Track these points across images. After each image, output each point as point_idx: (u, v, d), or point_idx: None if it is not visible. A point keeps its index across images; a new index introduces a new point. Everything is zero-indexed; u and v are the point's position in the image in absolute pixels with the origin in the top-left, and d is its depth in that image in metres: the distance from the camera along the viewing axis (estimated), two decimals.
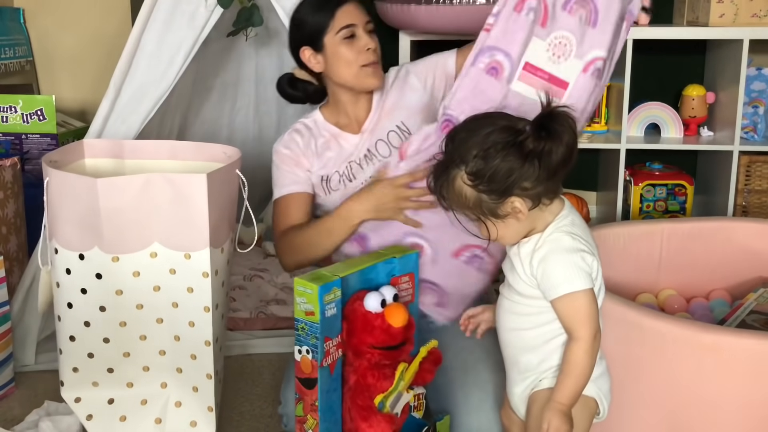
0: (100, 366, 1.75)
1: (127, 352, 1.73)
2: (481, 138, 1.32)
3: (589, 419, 1.46)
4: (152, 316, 1.70)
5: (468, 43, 1.88)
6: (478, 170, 1.31)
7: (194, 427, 1.76)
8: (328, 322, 1.48)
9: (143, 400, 1.77)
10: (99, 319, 1.71)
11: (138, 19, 2.21)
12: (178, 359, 1.74)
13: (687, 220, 2.27)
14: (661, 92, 3.16)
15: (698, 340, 1.52)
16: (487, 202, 1.34)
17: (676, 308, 2.13)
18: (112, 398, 1.78)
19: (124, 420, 1.77)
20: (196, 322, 1.69)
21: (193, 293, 1.68)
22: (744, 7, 2.82)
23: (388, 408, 1.56)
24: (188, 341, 1.71)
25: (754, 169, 2.94)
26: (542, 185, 1.32)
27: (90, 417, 1.78)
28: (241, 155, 1.85)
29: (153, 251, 1.66)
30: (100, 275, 1.68)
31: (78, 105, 3.40)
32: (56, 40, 3.41)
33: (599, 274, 1.41)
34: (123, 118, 2.26)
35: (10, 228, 2.36)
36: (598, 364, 1.43)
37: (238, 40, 2.72)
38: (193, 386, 1.75)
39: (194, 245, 1.65)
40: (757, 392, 1.50)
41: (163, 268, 1.67)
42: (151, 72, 2.23)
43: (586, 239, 1.40)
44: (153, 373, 1.76)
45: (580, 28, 1.69)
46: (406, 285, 1.67)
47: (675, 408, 1.58)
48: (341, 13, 1.84)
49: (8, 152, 2.75)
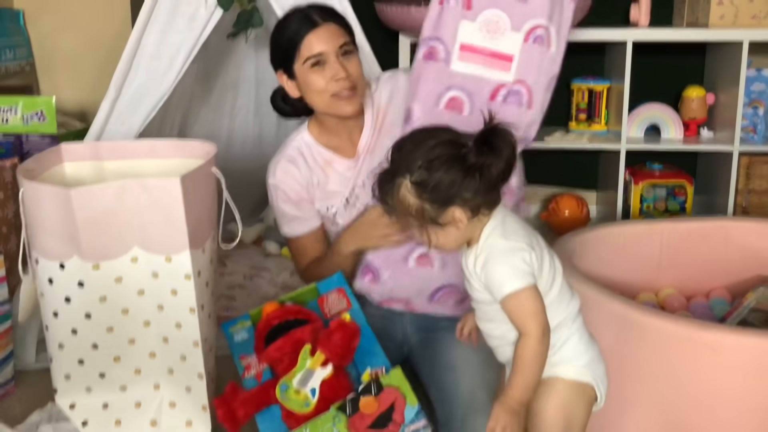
0: (92, 371, 1.75)
1: (118, 356, 1.73)
2: (426, 150, 1.38)
3: (588, 407, 1.47)
4: (139, 319, 1.70)
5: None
6: (422, 180, 1.37)
7: (190, 426, 1.76)
8: (239, 346, 1.68)
9: (137, 403, 1.77)
10: (86, 326, 1.70)
11: (138, 21, 2.21)
12: (168, 361, 1.74)
13: (687, 220, 2.27)
14: (661, 93, 3.17)
15: (698, 339, 1.52)
16: (429, 210, 1.39)
17: (676, 307, 2.13)
18: (106, 403, 1.78)
19: (119, 424, 1.76)
20: (182, 323, 1.69)
21: (177, 295, 1.67)
22: (744, 8, 2.82)
23: (295, 386, 1.54)
24: (177, 343, 1.71)
25: (754, 169, 2.94)
26: (482, 197, 1.38)
27: (85, 423, 1.78)
28: (216, 152, 1.82)
29: (133, 256, 1.66)
30: (82, 283, 1.67)
31: (78, 106, 3.40)
32: (56, 41, 3.42)
33: (545, 263, 1.43)
34: (123, 119, 2.26)
35: (11, 228, 2.36)
36: (588, 350, 1.46)
37: (238, 41, 2.73)
38: (186, 386, 1.75)
39: (174, 248, 1.64)
40: (758, 390, 1.50)
41: (145, 272, 1.66)
42: (151, 73, 2.23)
43: (521, 234, 1.43)
44: (145, 376, 1.76)
45: (508, 4, 1.75)
46: (334, 298, 1.72)
47: (675, 406, 1.58)
48: (309, 40, 1.76)
49: (8, 153, 2.75)
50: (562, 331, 1.44)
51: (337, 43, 1.77)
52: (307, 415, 1.53)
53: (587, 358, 1.46)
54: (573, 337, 1.45)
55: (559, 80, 3.23)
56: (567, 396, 1.44)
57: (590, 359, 1.46)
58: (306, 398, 1.55)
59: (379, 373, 1.55)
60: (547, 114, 1.88)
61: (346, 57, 1.79)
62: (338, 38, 1.78)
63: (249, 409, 1.57)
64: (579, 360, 1.45)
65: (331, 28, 1.78)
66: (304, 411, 1.53)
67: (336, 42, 1.77)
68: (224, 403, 1.55)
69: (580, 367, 1.45)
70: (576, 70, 3.23)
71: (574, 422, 1.45)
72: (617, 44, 2.99)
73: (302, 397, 1.55)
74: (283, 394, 1.55)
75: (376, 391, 1.50)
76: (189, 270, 1.65)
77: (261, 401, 1.58)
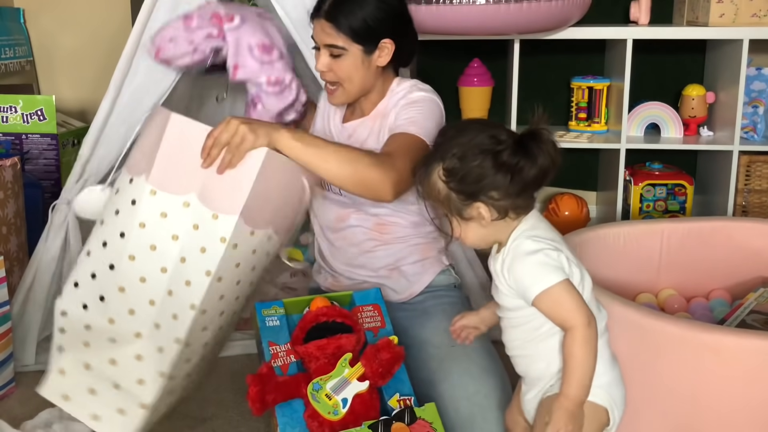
0: (95, 290, 1.72)
1: (123, 288, 1.70)
2: (465, 139, 1.37)
3: (596, 428, 1.41)
4: (160, 262, 1.68)
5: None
6: (452, 168, 1.36)
7: (140, 384, 1.70)
8: (270, 330, 1.71)
9: (112, 339, 1.73)
10: (115, 245, 1.70)
11: (138, 19, 2.21)
12: (161, 314, 1.70)
13: (687, 220, 2.27)
14: (661, 92, 3.17)
15: (698, 340, 1.52)
16: (455, 200, 1.38)
17: (676, 308, 2.13)
18: (89, 324, 1.74)
19: (86, 346, 1.73)
20: (192, 282, 1.66)
21: (204, 254, 1.65)
22: (744, 7, 2.82)
23: (328, 390, 1.57)
24: (177, 299, 1.68)
25: (753, 169, 2.94)
26: (510, 199, 1.36)
27: (62, 330, 1.76)
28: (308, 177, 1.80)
29: (187, 201, 1.65)
30: (134, 201, 1.68)
31: (78, 105, 3.40)
32: (56, 40, 3.42)
33: (573, 265, 1.40)
34: (123, 119, 2.25)
35: (10, 228, 2.36)
36: (609, 370, 1.42)
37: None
38: (159, 347, 1.70)
39: (225, 208, 1.64)
40: (758, 392, 1.50)
41: (189, 220, 1.65)
42: (152, 72, 2.23)
43: (549, 238, 1.41)
44: (135, 319, 1.71)
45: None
46: (369, 314, 1.75)
47: (675, 408, 1.58)
48: (313, 24, 1.86)
49: (8, 152, 2.75)
50: None
51: (326, 41, 1.83)
52: (332, 422, 1.55)
53: (606, 380, 1.41)
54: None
55: (559, 79, 3.28)
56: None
57: (609, 381, 1.42)
58: (336, 405, 1.57)
59: (409, 402, 1.59)
60: (547, 113, 1.88)
61: (334, 58, 1.83)
62: (327, 38, 1.82)
63: (278, 396, 1.59)
64: (597, 380, 1.38)
65: (324, 26, 1.81)
66: (330, 417, 1.56)
67: (324, 40, 1.83)
68: (259, 383, 1.57)
69: (596, 388, 1.38)
70: (576, 68, 3.23)
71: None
72: (617, 42, 2.99)
73: (332, 403, 1.57)
74: (315, 393, 1.57)
75: (409, 421, 1.53)
76: (228, 235, 1.63)
77: (290, 392, 1.60)
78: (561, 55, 3.22)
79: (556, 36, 2.82)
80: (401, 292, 1.96)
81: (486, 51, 3.16)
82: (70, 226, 2.29)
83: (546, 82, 3.29)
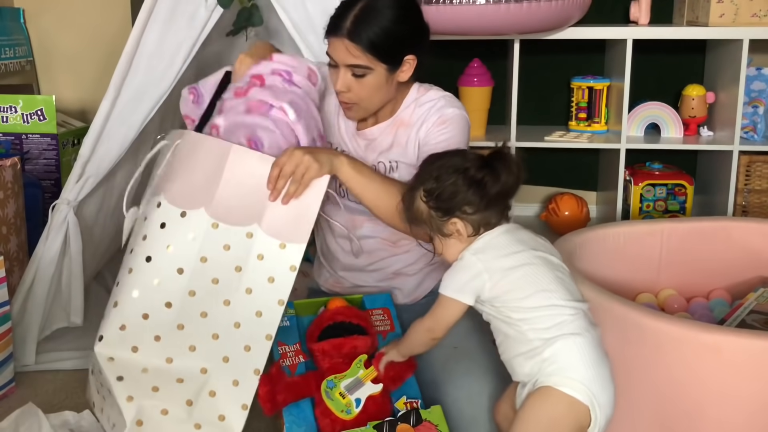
0: (149, 331, 1.67)
1: (182, 325, 1.66)
2: (440, 162, 1.55)
3: (572, 424, 1.40)
4: (223, 295, 1.65)
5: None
6: (431, 189, 1.53)
7: (222, 421, 1.65)
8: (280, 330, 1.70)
9: (179, 379, 1.67)
10: (171, 281, 1.65)
11: (138, 19, 2.21)
12: (228, 348, 1.66)
13: (687, 220, 2.27)
14: (661, 92, 3.17)
15: (698, 340, 1.52)
16: (435, 218, 1.54)
17: (676, 308, 2.13)
18: (146, 368, 1.68)
19: (156, 390, 1.66)
20: (264, 313, 1.64)
21: (273, 284, 1.64)
22: (744, 7, 2.82)
23: (342, 389, 1.60)
24: (248, 331, 1.65)
25: (753, 168, 2.94)
26: (481, 213, 1.52)
27: (121, 378, 1.68)
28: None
29: (250, 231, 1.64)
30: (195, 238, 1.65)
31: (78, 105, 3.40)
32: (56, 40, 3.41)
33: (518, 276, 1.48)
34: (123, 118, 2.25)
35: (10, 228, 2.36)
36: (591, 367, 1.41)
37: (239, 39, 2.72)
38: (235, 380, 1.66)
39: (293, 237, 1.63)
40: (758, 392, 1.50)
41: (254, 251, 1.64)
42: (152, 72, 2.23)
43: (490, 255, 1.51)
44: (198, 355, 1.67)
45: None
46: (379, 317, 1.80)
47: (674, 407, 1.58)
48: (329, 40, 1.75)
49: (8, 152, 2.75)
50: (560, 342, 1.41)
51: (348, 62, 1.72)
52: (344, 421, 1.57)
53: (587, 374, 1.40)
54: (572, 350, 1.41)
55: (560, 79, 3.28)
56: (553, 407, 1.40)
57: (591, 377, 1.40)
58: (349, 405, 1.59)
59: (415, 405, 1.62)
60: (547, 113, 1.89)
61: (356, 78, 1.74)
62: (349, 58, 1.71)
63: (289, 396, 1.60)
64: (576, 373, 1.40)
65: (347, 45, 1.70)
66: (343, 416, 1.58)
67: (346, 60, 1.72)
68: (269, 383, 1.59)
69: (575, 381, 1.39)
70: (576, 68, 3.23)
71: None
72: (617, 42, 2.99)
73: (346, 402, 1.59)
74: (329, 390, 1.59)
75: (415, 422, 1.55)
76: (297, 263, 1.63)
77: (300, 391, 1.61)
78: (561, 55, 3.22)
79: (556, 36, 2.82)
80: (405, 295, 1.98)
81: (486, 51, 3.16)
82: (70, 226, 2.29)
83: (546, 82, 3.29)
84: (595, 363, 1.42)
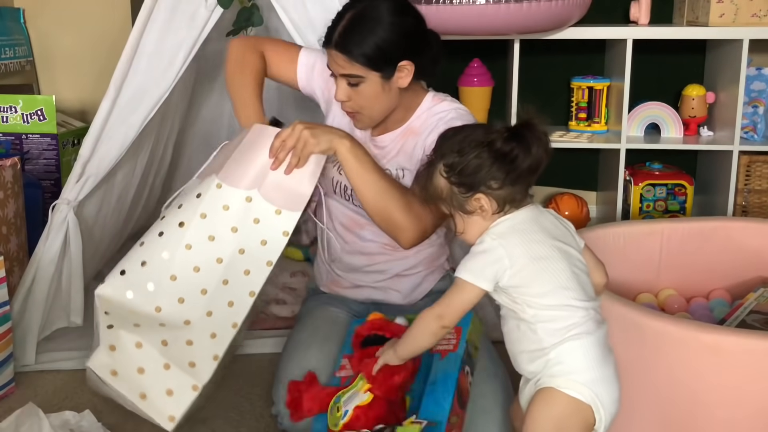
0: (144, 279, 1.75)
1: (174, 276, 1.73)
2: (462, 136, 1.46)
3: (580, 424, 1.39)
4: (216, 252, 1.73)
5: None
6: (452, 163, 1.44)
7: (192, 367, 1.71)
8: (349, 344, 1.75)
9: (162, 323, 1.74)
10: (172, 234, 1.74)
11: (138, 20, 2.21)
12: (213, 303, 1.73)
13: (687, 220, 2.27)
14: (661, 92, 3.17)
15: (698, 340, 1.52)
16: (457, 195, 1.45)
17: (676, 308, 2.13)
18: (134, 310, 1.75)
19: (137, 326, 1.72)
20: (252, 272, 1.73)
21: (266, 246, 1.72)
22: (744, 6, 2.82)
23: (340, 403, 1.58)
24: (235, 287, 1.73)
25: (753, 169, 2.94)
26: (507, 188, 1.43)
27: (107, 313, 1.75)
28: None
29: (249, 196, 1.72)
30: (199, 194, 1.74)
31: (78, 105, 3.40)
32: (56, 40, 3.41)
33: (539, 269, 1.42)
34: (123, 118, 2.25)
35: (10, 228, 2.36)
36: (595, 368, 1.40)
37: None
38: (213, 332, 1.73)
39: (289, 205, 1.72)
40: (758, 392, 1.50)
41: (250, 214, 1.72)
42: (152, 72, 2.23)
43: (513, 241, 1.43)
44: (184, 307, 1.74)
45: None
46: (449, 335, 1.66)
47: (675, 408, 1.58)
48: (327, 52, 1.77)
49: (8, 152, 2.75)
50: (567, 344, 1.39)
51: (341, 72, 1.74)
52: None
53: (591, 377, 1.39)
54: (577, 352, 1.39)
55: (559, 79, 3.27)
56: (559, 410, 1.39)
57: (594, 378, 1.39)
58: (339, 417, 1.58)
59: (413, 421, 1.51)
60: (547, 113, 1.89)
61: (352, 87, 1.75)
62: (341, 68, 1.74)
63: (314, 405, 1.61)
64: (580, 376, 1.38)
65: (336, 57, 1.73)
66: (333, 428, 1.57)
67: (339, 71, 1.74)
68: (296, 389, 1.62)
69: (579, 384, 1.38)
70: (576, 68, 3.23)
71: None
72: (617, 42, 2.99)
73: (339, 414, 1.58)
74: (333, 405, 1.59)
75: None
76: (290, 229, 1.72)
77: (326, 404, 1.61)
78: (561, 55, 3.22)
79: (556, 36, 2.82)
80: (403, 296, 1.98)
81: (486, 51, 3.16)
82: (70, 226, 2.29)
83: (546, 82, 3.29)
84: (600, 363, 1.41)
